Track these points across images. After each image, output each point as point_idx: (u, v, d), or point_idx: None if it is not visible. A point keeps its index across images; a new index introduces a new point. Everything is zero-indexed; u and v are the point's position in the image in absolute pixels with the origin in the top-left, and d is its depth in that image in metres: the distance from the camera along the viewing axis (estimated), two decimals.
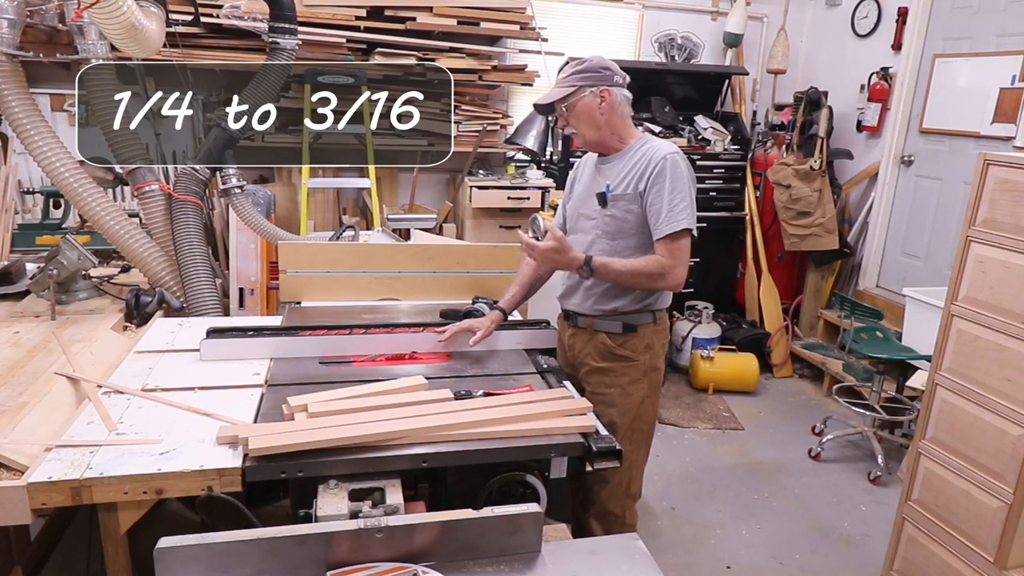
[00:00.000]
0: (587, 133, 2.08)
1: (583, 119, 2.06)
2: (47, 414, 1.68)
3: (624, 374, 2.13)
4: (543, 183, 4.57)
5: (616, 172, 2.09)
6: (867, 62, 4.86)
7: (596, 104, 2.04)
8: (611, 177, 2.09)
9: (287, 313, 2.45)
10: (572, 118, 2.07)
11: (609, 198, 2.07)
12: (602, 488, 2.15)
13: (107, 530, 1.50)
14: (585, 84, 2.03)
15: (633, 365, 2.13)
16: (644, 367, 2.14)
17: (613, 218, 2.07)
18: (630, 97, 2.11)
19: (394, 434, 1.57)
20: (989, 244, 2.07)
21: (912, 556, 2.36)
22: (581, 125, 2.07)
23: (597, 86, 2.03)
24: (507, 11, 4.44)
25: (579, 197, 2.22)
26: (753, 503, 3.29)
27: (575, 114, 2.05)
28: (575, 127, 2.09)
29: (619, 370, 2.13)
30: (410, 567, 1.28)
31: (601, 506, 2.17)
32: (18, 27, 2.56)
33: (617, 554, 1.43)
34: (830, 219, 4.64)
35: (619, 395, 2.13)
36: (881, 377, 3.73)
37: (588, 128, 2.07)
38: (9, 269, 2.63)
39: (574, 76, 2.04)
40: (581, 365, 2.21)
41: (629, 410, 2.14)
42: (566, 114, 2.07)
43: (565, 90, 2.04)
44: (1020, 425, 1.97)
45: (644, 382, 2.15)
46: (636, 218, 2.04)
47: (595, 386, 2.16)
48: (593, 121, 2.05)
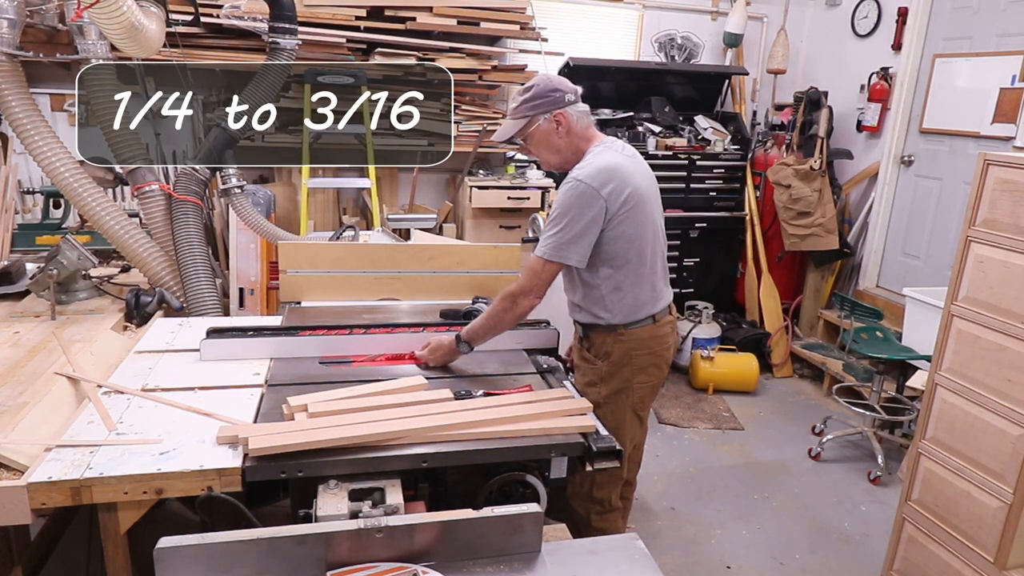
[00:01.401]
0: (549, 159, 2.07)
1: (542, 146, 2.04)
2: (47, 414, 1.68)
3: (584, 374, 2.16)
4: (543, 183, 4.57)
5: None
6: (867, 62, 4.86)
7: (553, 129, 2.01)
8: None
9: (287, 313, 2.45)
10: (532, 147, 2.06)
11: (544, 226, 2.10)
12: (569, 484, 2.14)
13: (107, 530, 1.50)
14: (538, 112, 2.00)
15: (593, 368, 2.13)
16: (602, 372, 2.12)
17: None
18: (586, 109, 2.07)
19: (394, 434, 1.57)
20: (989, 244, 2.07)
21: (912, 556, 2.36)
22: (542, 152, 2.06)
23: (550, 111, 1.99)
24: (507, 11, 4.44)
25: None
26: (753, 503, 3.29)
27: (534, 143, 2.04)
28: (536, 155, 2.08)
29: (583, 369, 2.18)
30: (410, 567, 1.28)
31: (569, 501, 2.21)
32: (18, 27, 2.56)
33: (617, 554, 1.43)
34: (830, 219, 4.64)
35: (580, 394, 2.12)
36: (881, 377, 3.73)
37: (549, 153, 2.06)
38: (9, 269, 2.63)
39: (524, 107, 2.01)
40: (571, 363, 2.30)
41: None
42: (526, 143, 2.06)
43: (519, 122, 2.02)
44: (1020, 425, 1.97)
45: (601, 387, 2.12)
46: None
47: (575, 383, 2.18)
48: (552, 146, 2.04)
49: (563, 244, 1.96)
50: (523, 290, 1.98)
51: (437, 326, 2.18)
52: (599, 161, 1.99)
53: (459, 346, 2.04)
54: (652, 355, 2.14)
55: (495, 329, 2.06)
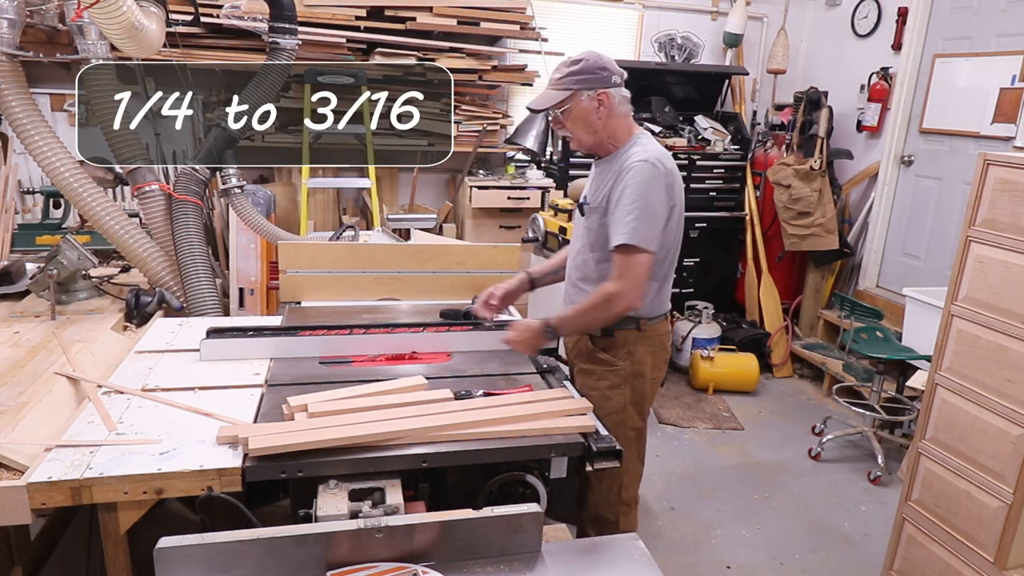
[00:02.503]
0: (583, 138, 1.99)
1: (579, 124, 1.96)
2: (47, 414, 1.68)
3: (604, 378, 2.09)
4: (543, 183, 4.57)
5: (601, 179, 2.01)
6: (867, 62, 4.86)
7: (593, 108, 1.93)
8: (597, 184, 2.02)
9: (287, 313, 2.45)
10: (568, 122, 1.97)
11: (586, 209, 2.02)
12: (588, 493, 2.13)
13: (107, 530, 1.50)
14: (582, 87, 1.92)
15: (613, 370, 2.08)
16: (625, 373, 2.08)
17: (589, 230, 2.03)
18: (628, 96, 2.01)
19: (394, 434, 1.56)
20: (989, 244, 2.07)
21: (912, 556, 2.36)
22: (577, 130, 1.97)
23: (594, 89, 1.92)
24: (507, 11, 4.45)
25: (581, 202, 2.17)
26: (753, 503, 3.29)
27: (571, 119, 1.96)
28: (571, 131, 1.99)
29: (599, 373, 2.09)
30: (410, 567, 1.28)
31: (593, 510, 2.15)
32: (18, 27, 2.56)
33: (617, 554, 1.43)
34: (830, 219, 4.64)
35: (599, 399, 2.05)
36: (881, 377, 3.73)
37: (584, 132, 1.98)
38: (9, 269, 2.63)
39: (569, 78, 1.93)
40: (572, 365, 2.21)
41: (610, 415, 2.06)
42: (564, 118, 1.97)
43: (560, 94, 1.93)
44: (1020, 425, 1.97)
45: (626, 388, 2.09)
46: (607, 231, 1.96)
47: (581, 387, 2.11)
48: (590, 125, 1.96)
49: (646, 228, 1.87)
50: (620, 292, 1.89)
51: (437, 326, 2.18)
52: (658, 149, 1.95)
53: (544, 332, 1.97)
54: (665, 351, 2.16)
55: (586, 326, 2.02)
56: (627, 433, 2.13)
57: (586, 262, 2.06)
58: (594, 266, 2.04)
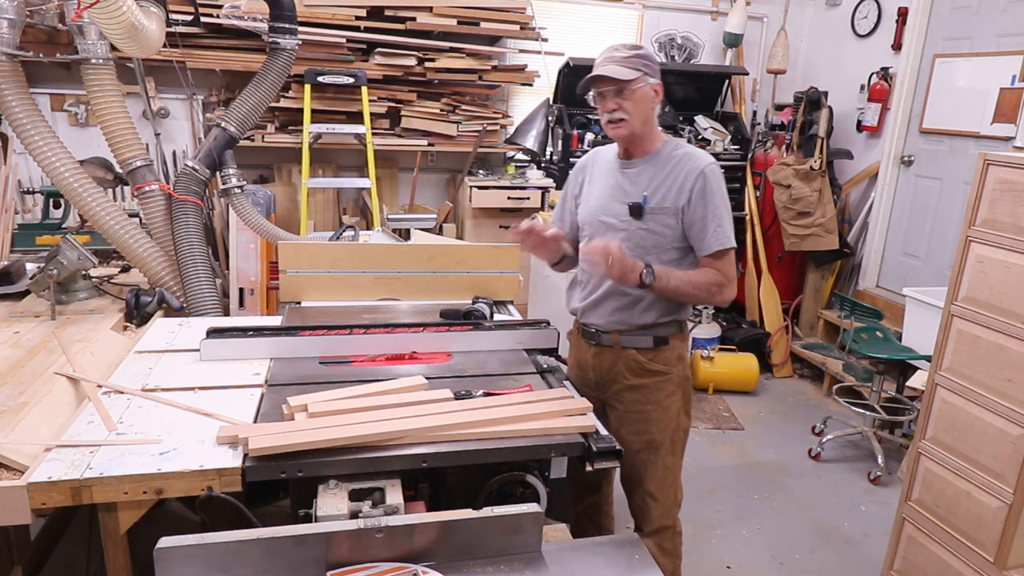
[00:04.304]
0: (635, 124, 1.90)
1: (638, 108, 1.88)
2: (47, 414, 1.68)
3: (660, 389, 2.03)
4: (543, 183, 4.57)
5: (648, 180, 1.94)
6: (867, 62, 4.86)
7: (652, 97, 1.91)
8: (643, 185, 1.94)
9: (287, 313, 2.45)
10: (629, 103, 1.87)
11: (647, 210, 1.92)
12: (654, 507, 2.09)
13: (107, 530, 1.50)
14: (648, 73, 1.88)
15: (667, 378, 2.03)
16: (678, 379, 2.05)
17: (650, 232, 1.93)
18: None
19: (394, 434, 1.57)
20: (989, 244, 2.07)
21: (912, 556, 2.36)
22: (633, 113, 1.88)
23: (655, 78, 1.90)
24: (507, 11, 4.45)
25: (597, 203, 2.04)
26: (753, 503, 3.29)
27: (633, 100, 1.87)
28: (627, 113, 1.88)
29: (653, 385, 2.03)
30: (410, 567, 1.28)
31: (656, 524, 2.11)
32: (18, 27, 2.56)
33: (617, 554, 1.43)
34: (830, 219, 4.64)
35: (656, 411, 2.03)
36: (881, 377, 3.73)
37: (637, 118, 1.90)
38: (9, 269, 2.63)
39: (637, 60, 1.87)
40: (610, 384, 2.09)
41: (667, 424, 2.05)
42: (622, 97, 1.87)
43: (631, 72, 1.85)
44: (1020, 425, 1.97)
45: (678, 394, 2.06)
46: (673, 233, 1.93)
47: (629, 404, 2.06)
48: (644, 113, 1.90)
49: (731, 228, 1.93)
50: (731, 290, 1.93)
51: (437, 326, 2.18)
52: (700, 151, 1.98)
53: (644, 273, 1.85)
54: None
55: (688, 295, 1.95)
56: (680, 436, 2.11)
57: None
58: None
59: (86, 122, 4.18)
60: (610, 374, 2.08)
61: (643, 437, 2.06)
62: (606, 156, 2.09)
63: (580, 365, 2.17)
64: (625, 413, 2.07)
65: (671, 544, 2.16)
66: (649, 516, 2.11)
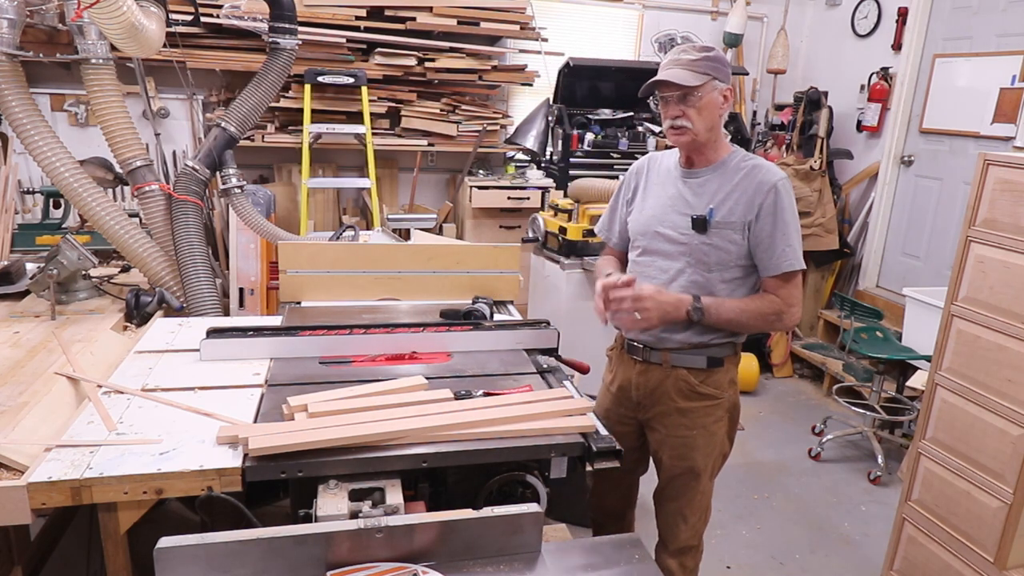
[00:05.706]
0: (701, 131, 1.78)
1: (705, 114, 1.76)
2: (47, 414, 1.68)
3: (708, 414, 1.90)
4: (543, 183, 4.57)
5: (714, 191, 1.82)
6: (867, 62, 4.86)
7: (720, 102, 1.78)
8: (709, 197, 1.82)
9: (287, 313, 2.45)
10: (694, 110, 1.76)
11: (712, 224, 1.79)
12: (684, 529, 2.03)
13: (107, 530, 1.50)
14: (717, 77, 1.75)
15: (718, 404, 1.91)
16: (728, 404, 1.93)
17: (714, 247, 1.81)
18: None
19: (394, 434, 1.56)
20: (989, 244, 2.07)
21: (912, 556, 2.36)
22: (700, 120, 1.76)
23: (725, 82, 1.77)
24: (507, 11, 4.45)
25: (654, 212, 1.90)
26: (753, 503, 3.29)
27: (700, 106, 1.76)
28: (692, 121, 1.76)
29: (701, 410, 1.90)
30: (410, 567, 1.28)
31: (682, 543, 2.05)
32: (18, 27, 2.56)
33: (617, 554, 1.43)
34: (830, 219, 4.64)
35: (701, 436, 1.91)
36: (881, 377, 3.73)
37: (704, 126, 1.78)
38: (9, 269, 2.63)
39: (705, 63, 1.75)
40: (653, 405, 1.96)
41: (712, 451, 1.94)
42: (686, 103, 1.76)
43: (699, 76, 1.74)
44: (1020, 425, 1.97)
45: (726, 420, 1.95)
46: (739, 249, 1.81)
47: (673, 428, 1.93)
48: (711, 118, 1.78)
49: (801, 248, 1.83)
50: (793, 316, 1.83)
51: (437, 326, 2.18)
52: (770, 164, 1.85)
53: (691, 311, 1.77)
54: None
55: (743, 326, 1.83)
56: (720, 461, 2.02)
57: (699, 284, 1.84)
58: (720, 286, 1.84)
59: (86, 122, 4.18)
60: (655, 395, 1.94)
61: (685, 463, 1.95)
62: (665, 163, 1.96)
63: (621, 384, 2.03)
64: (667, 437, 1.95)
65: (693, 563, 2.11)
66: (678, 536, 2.05)
